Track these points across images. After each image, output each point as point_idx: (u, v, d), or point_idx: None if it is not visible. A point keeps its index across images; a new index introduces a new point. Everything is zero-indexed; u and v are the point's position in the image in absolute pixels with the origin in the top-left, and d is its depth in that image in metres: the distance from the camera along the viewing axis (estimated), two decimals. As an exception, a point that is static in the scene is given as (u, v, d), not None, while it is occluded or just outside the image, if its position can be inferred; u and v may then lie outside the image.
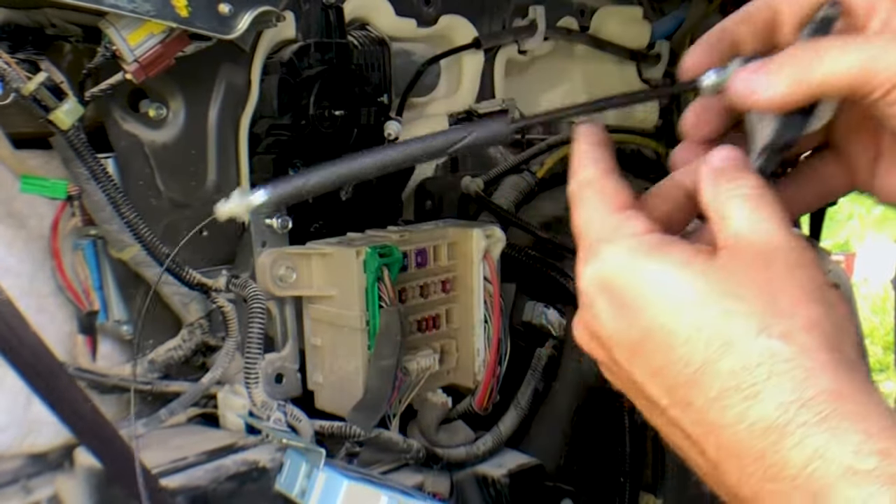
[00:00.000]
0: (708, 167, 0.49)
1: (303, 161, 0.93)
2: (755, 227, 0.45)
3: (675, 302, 0.44)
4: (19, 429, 0.82)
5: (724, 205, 0.47)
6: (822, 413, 0.39)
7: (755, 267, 0.44)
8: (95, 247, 0.85)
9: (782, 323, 0.41)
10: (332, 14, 0.95)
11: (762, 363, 0.41)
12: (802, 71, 0.47)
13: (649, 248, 0.46)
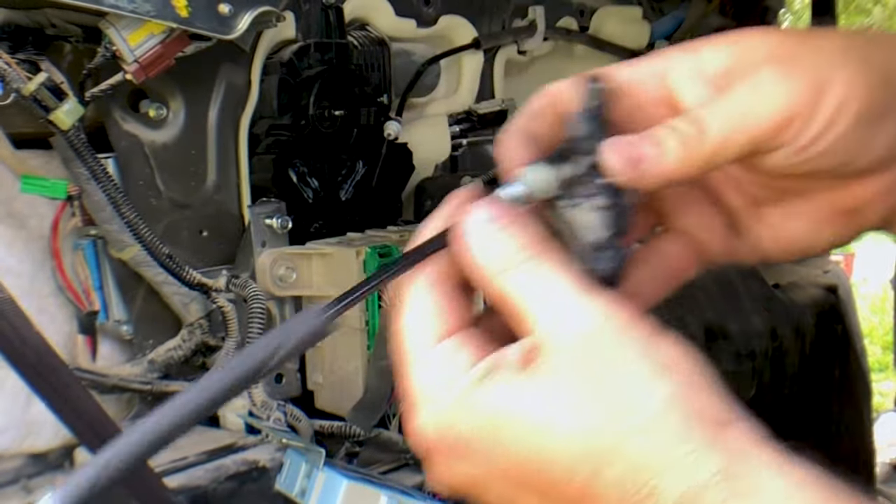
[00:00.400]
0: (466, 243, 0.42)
1: (302, 161, 0.94)
2: (567, 311, 0.40)
3: (529, 428, 0.40)
4: (19, 429, 0.82)
5: (513, 293, 0.41)
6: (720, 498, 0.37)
7: (586, 362, 0.39)
8: (95, 247, 0.85)
9: (644, 412, 0.38)
10: (332, 14, 0.95)
11: (645, 461, 0.38)
12: (692, 137, 0.43)
13: (478, 381, 0.41)
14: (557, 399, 0.40)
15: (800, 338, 1.32)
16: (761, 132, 0.43)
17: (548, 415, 0.40)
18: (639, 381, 0.39)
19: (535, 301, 0.41)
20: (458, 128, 1.16)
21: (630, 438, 0.38)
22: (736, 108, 0.44)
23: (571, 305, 0.40)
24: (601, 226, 0.43)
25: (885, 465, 2.50)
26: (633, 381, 0.39)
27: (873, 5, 12.66)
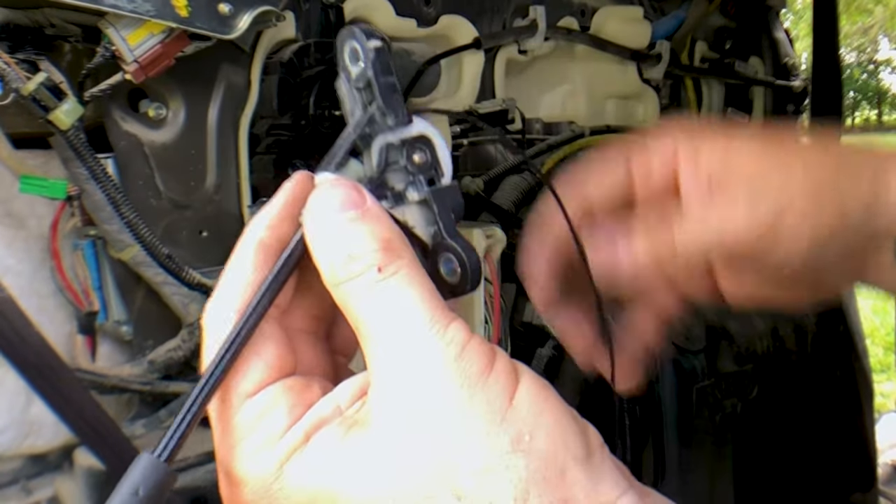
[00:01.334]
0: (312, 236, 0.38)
1: (303, 161, 0.93)
2: (401, 348, 0.35)
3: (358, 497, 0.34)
4: (19, 430, 0.82)
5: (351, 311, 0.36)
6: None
7: (420, 432, 0.34)
8: (95, 247, 0.85)
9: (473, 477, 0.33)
10: (333, 14, 0.95)
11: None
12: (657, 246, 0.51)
13: (295, 448, 0.36)
14: (385, 484, 0.34)
15: (801, 338, 1.31)
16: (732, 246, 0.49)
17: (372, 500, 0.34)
18: (485, 469, 0.33)
19: (372, 326, 0.36)
20: (459, 128, 1.16)
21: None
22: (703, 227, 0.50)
23: (411, 343, 0.35)
24: (426, 221, 0.38)
25: (887, 465, 2.49)
26: (478, 470, 0.33)
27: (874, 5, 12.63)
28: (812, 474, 1.34)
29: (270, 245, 0.40)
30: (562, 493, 0.33)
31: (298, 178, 0.42)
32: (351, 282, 0.36)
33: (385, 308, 0.35)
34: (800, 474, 1.31)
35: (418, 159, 0.40)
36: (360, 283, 0.36)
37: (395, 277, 0.36)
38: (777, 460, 1.26)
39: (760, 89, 1.66)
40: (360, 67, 0.40)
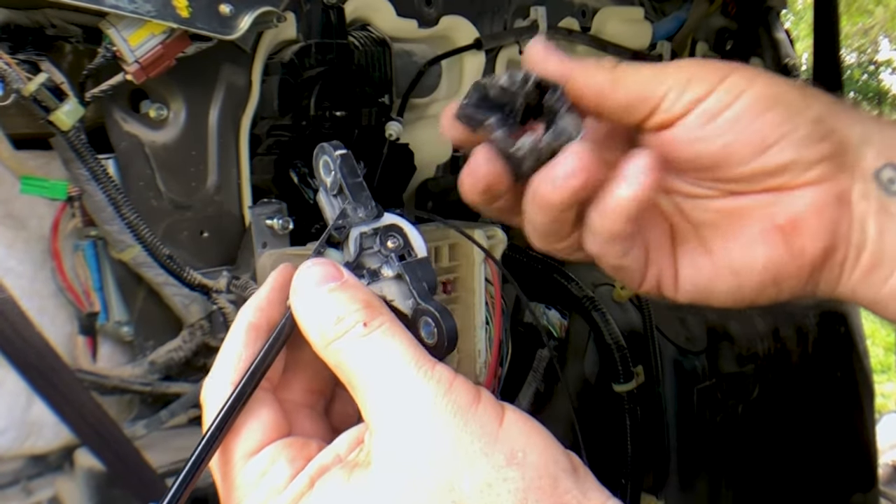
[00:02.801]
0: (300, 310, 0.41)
1: (304, 162, 0.93)
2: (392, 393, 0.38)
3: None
4: (20, 430, 0.82)
5: (344, 367, 0.39)
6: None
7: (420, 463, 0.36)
8: (96, 248, 0.85)
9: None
10: (333, 14, 0.95)
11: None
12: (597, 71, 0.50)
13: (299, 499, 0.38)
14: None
15: (802, 339, 1.31)
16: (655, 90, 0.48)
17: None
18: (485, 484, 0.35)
19: (363, 378, 0.38)
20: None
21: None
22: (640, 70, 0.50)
23: (400, 387, 0.37)
24: (403, 294, 0.43)
25: (888, 466, 2.49)
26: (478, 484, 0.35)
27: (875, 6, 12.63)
28: (812, 475, 1.34)
29: (260, 326, 0.44)
30: (556, 499, 0.36)
31: (282, 268, 0.46)
32: (340, 339, 0.39)
33: (374, 357, 0.38)
34: (800, 475, 1.31)
35: (391, 244, 0.44)
36: (349, 339, 0.39)
37: (380, 330, 0.39)
38: (778, 461, 1.26)
39: (761, 90, 1.66)
40: (333, 175, 0.45)
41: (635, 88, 0.49)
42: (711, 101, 0.48)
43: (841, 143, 0.49)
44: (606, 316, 1.05)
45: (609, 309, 1.07)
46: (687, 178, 0.53)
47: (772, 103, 0.48)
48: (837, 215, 0.49)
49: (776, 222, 0.50)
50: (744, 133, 0.48)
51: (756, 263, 0.50)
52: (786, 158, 0.49)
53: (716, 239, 0.52)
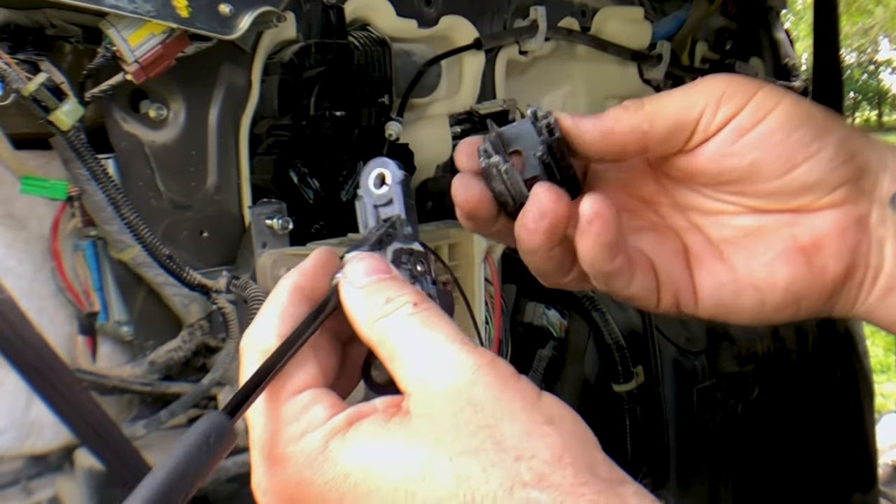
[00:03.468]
0: (349, 291, 0.43)
1: (303, 161, 0.93)
2: (435, 361, 0.39)
3: (400, 484, 0.37)
4: (20, 430, 0.82)
5: (388, 342, 0.41)
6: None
7: (463, 408, 0.37)
8: (95, 247, 0.85)
9: (528, 467, 0.36)
10: (333, 14, 0.95)
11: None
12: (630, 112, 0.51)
13: (338, 433, 0.40)
14: (431, 450, 0.37)
15: (802, 339, 1.31)
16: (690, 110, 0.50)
17: (420, 466, 0.37)
18: (524, 432, 0.37)
19: (408, 349, 0.40)
20: (460, 128, 1.16)
21: (512, 494, 0.35)
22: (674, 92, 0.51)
23: (445, 354, 0.39)
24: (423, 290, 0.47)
25: (887, 466, 2.50)
26: (518, 432, 0.37)
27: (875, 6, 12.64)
28: (812, 475, 1.34)
29: (304, 287, 0.45)
30: (588, 463, 0.36)
31: (322, 249, 0.48)
32: (389, 317, 0.41)
33: (421, 331, 0.41)
34: (800, 474, 1.31)
35: (420, 269, 0.49)
36: (398, 316, 0.41)
37: (428, 311, 0.41)
38: (778, 460, 1.26)
39: (761, 90, 1.66)
40: (385, 189, 0.50)
41: (672, 118, 0.50)
42: (744, 116, 0.49)
43: (861, 167, 0.50)
44: (606, 316, 1.05)
45: (609, 309, 1.07)
46: (709, 193, 0.54)
47: (802, 121, 0.49)
48: (858, 238, 0.50)
49: (799, 242, 0.51)
50: (774, 150, 0.49)
51: (779, 281, 0.51)
52: (812, 178, 0.50)
53: (737, 255, 0.53)
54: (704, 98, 0.50)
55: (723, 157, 0.50)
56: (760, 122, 0.49)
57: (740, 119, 0.49)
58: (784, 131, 0.49)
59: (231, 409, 0.40)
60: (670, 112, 0.50)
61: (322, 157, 0.95)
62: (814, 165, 0.49)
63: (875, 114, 26.13)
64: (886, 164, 0.51)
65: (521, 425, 0.37)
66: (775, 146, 0.49)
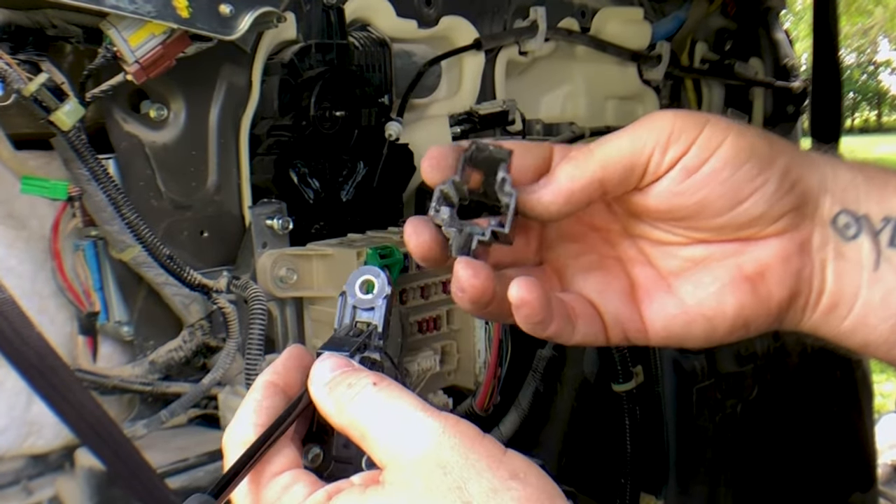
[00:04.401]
0: (317, 387, 0.46)
1: (303, 162, 0.93)
2: (403, 430, 0.42)
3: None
4: (20, 430, 0.82)
5: (356, 422, 0.44)
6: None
7: (433, 472, 0.40)
8: (96, 247, 0.85)
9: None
10: (333, 15, 0.95)
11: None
12: (581, 164, 0.51)
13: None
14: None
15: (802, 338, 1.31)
16: (640, 153, 0.50)
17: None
18: (490, 489, 0.39)
19: (376, 424, 0.42)
20: (460, 128, 1.16)
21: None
22: (622, 134, 0.51)
23: (411, 423, 0.42)
24: None
25: (887, 466, 2.50)
26: (485, 489, 0.39)
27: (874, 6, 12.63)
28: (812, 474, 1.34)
29: (277, 383, 0.49)
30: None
31: (294, 347, 0.52)
32: (354, 399, 0.44)
33: (385, 405, 0.43)
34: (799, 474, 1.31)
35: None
36: (362, 396, 0.44)
37: (390, 386, 0.44)
38: (777, 460, 1.26)
39: (760, 90, 1.66)
40: (370, 297, 0.53)
41: (624, 161, 0.51)
42: (691, 156, 0.50)
43: (803, 193, 0.52)
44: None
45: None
46: (658, 226, 0.55)
47: (747, 156, 0.50)
48: (801, 263, 0.53)
49: (745, 272, 0.53)
50: (720, 188, 0.51)
51: (728, 310, 0.53)
52: (757, 211, 0.51)
53: (685, 287, 0.55)
54: (654, 138, 0.50)
55: (672, 196, 0.51)
56: (707, 161, 0.50)
57: (688, 158, 0.50)
58: (731, 168, 0.50)
59: (215, 491, 0.41)
60: (621, 156, 0.51)
61: (322, 158, 0.95)
62: (759, 199, 0.51)
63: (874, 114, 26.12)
64: (827, 186, 0.52)
65: (487, 483, 0.39)
66: (722, 184, 0.50)
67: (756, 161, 0.50)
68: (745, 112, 1.64)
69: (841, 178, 0.53)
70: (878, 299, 0.52)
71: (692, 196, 0.51)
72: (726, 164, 0.50)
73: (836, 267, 0.53)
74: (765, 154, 0.51)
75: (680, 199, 0.51)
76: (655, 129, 0.50)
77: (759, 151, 0.51)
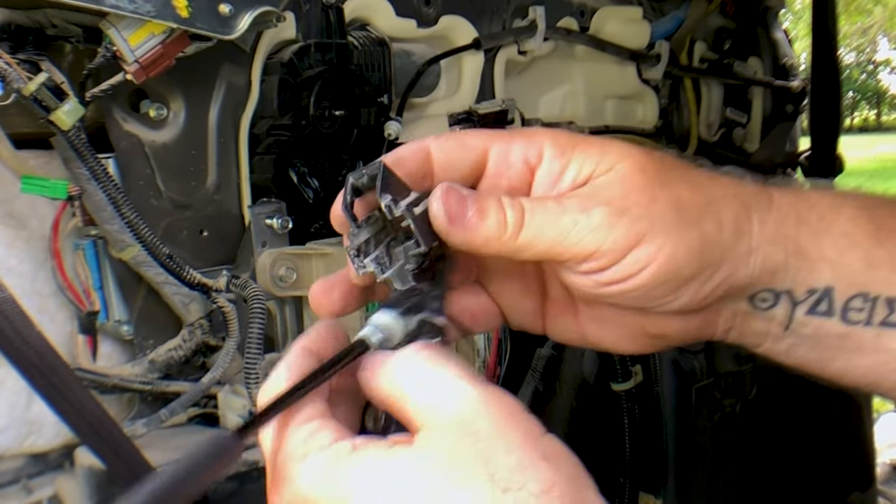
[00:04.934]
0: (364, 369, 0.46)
1: (303, 161, 0.94)
2: (443, 394, 0.41)
3: (392, 498, 0.39)
4: (20, 429, 0.82)
5: (397, 383, 0.43)
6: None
7: (463, 439, 0.39)
8: (96, 247, 0.85)
9: (514, 499, 0.37)
10: (333, 14, 0.95)
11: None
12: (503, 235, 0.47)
13: (342, 455, 0.42)
14: (429, 475, 0.39)
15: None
16: (563, 255, 0.47)
17: (418, 489, 0.39)
18: (518, 465, 0.38)
19: (416, 386, 0.42)
20: (459, 128, 1.16)
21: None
22: (556, 224, 0.47)
23: (451, 390, 0.41)
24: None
25: (886, 465, 2.50)
26: (511, 464, 0.38)
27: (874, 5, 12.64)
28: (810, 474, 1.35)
29: (311, 348, 0.48)
30: (577, 500, 0.38)
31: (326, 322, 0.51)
32: (397, 359, 0.44)
33: (429, 368, 0.43)
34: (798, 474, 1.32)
35: None
36: (405, 357, 0.44)
37: (434, 350, 0.44)
38: (776, 460, 1.27)
39: (759, 89, 1.66)
40: None
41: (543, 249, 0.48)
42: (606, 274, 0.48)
43: (722, 293, 0.51)
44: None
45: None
46: None
47: (666, 278, 0.48)
48: (701, 332, 0.54)
49: (647, 330, 0.54)
50: (629, 301, 0.50)
51: (624, 349, 0.56)
52: (662, 311, 0.51)
53: (589, 322, 0.55)
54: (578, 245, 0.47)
55: (580, 289, 0.50)
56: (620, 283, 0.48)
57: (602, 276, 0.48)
58: (642, 290, 0.48)
59: (240, 429, 0.42)
60: (542, 247, 0.48)
61: (322, 157, 0.95)
62: (667, 307, 0.50)
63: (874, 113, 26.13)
64: (753, 277, 0.51)
65: (515, 458, 0.38)
66: (629, 299, 0.49)
67: (671, 284, 0.49)
68: (743, 111, 1.64)
69: (771, 262, 0.51)
70: (782, 349, 0.54)
71: (599, 296, 0.50)
72: (638, 288, 0.48)
73: (740, 331, 0.54)
74: (686, 275, 0.49)
75: (586, 292, 0.50)
76: (586, 238, 0.47)
77: (681, 273, 0.48)
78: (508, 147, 0.51)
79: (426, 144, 0.51)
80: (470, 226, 0.47)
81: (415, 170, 0.50)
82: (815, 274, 0.51)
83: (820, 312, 0.51)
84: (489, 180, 0.51)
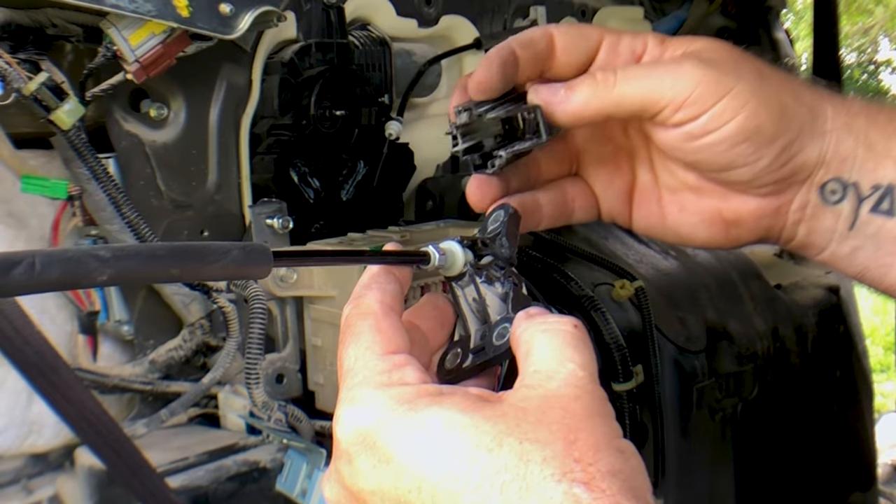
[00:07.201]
0: (525, 312, 0.49)
1: (304, 161, 0.93)
2: (559, 367, 0.44)
3: (460, 448, 0.40)
4: (20, 429, 0.82)
5: (531, 339, 0.46)
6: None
7: (554, 408, 0.41)
8: (96, 247, 0.85)
9: (583, 469, 0.39)
10: (334, 14, 0.95)
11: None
12: (600, 92, 0.55)
13: (421, 397, 0.43)
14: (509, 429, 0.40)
15: (802, 338, 1.31)
16: (657, 104, 0.54)
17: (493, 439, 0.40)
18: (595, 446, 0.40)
19: (543, 352, 0.45)
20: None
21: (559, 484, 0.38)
22: (647, 76, 0.55)
23: (567, 370, 0.44)
24: (500, 308, 0.51)
25: (887, 465, 2.50)
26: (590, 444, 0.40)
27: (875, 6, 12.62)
28: (811, 474, 1.34)
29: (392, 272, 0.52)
30: (637, 488, 0.40)
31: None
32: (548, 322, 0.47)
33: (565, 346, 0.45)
34: (799, 474, 1.31)
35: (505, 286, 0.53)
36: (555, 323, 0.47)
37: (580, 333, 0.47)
38: (777, 460, 1.26)
39: (761, 89, 1.66)
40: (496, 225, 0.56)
41: (637, 104, 0.55)
42: (697, 124, 0.54)
43: (797, 167, 0.56)
44: (606, 315, 1.05)
45: (608, 308, 1.07)
46: None
47: (750, 133, 0.54)
48: (773, 222, 0.59)
49: (723, 216, 0.59)
50: (714, 157, 0.55)
51: (698, 238, 0.62)
52: (743, 179, 0.56)
53: (671, 206, 0.62)
54: (671, 94, 0.53)
55: (671, 148, 0.56)
56: (710, 133, 0.54)
57: (693, 126, 0.54)
58: (728, 144, 0.54)
59: (276, 251, 0.44)
60: (635, 99, 0.54)
61: (322, 157, 0.95)
62: (747, 171, 0.55)
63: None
64: (825, 159, 0.56)
65: (594, 441, 0.40)
66: (716, 154, 0.55)
67: (755, 140, 0.54)
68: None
69: (843, 147, 0.56)
70: (845, 252, 0.58)
71: (686, 155, 0.56)
72: (724, 140, 0.54)
73: (809, 226, 0.58)
74: (769, 133, 0.54)
75: (676, 153, 0.57)
76: (678, 85, 0.53)
77: (764, 131, 0.54)
78: (618, 39, 0.58)
79: (551, 30, 0.58)
80: (562, 98, 0.55)
81: (542, 49, 0.57)
82: (880, 170, 0.55)
83: (882, 211, 0.56)
84: (599, 66, 0.58)
